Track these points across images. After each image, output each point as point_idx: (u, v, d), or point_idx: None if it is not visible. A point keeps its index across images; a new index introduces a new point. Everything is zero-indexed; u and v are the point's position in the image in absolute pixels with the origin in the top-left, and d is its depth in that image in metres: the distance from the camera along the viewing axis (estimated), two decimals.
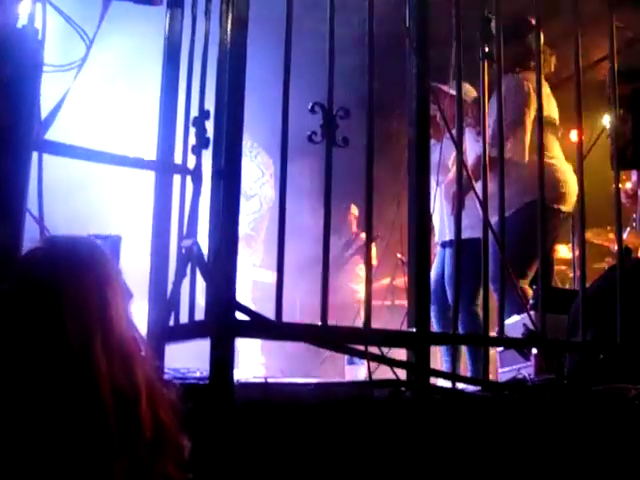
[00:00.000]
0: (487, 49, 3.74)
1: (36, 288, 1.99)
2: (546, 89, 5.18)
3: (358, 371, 5.45)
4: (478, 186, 3.44)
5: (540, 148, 3.57)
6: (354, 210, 8.70)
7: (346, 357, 5.66)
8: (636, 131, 4.01)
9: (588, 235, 6.99)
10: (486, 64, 3.59)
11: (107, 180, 5.76)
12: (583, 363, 3.59)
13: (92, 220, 4.90)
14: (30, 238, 2.27)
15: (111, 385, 1.94)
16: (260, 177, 6.95)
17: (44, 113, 2.91)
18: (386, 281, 7.87)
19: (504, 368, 4.20)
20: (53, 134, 2.92)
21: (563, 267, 7.35)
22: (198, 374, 2.98)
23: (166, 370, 3.01)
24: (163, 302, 2.99)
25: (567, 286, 6.86)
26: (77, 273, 2.05)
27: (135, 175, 3.52)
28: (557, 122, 5.33)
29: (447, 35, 3.33)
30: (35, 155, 2.73)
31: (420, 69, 3.09)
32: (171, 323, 2.96)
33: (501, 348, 4.22)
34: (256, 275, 7.12)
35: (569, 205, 5.09)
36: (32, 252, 2.11)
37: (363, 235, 8.88)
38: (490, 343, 3.47)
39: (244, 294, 6.58)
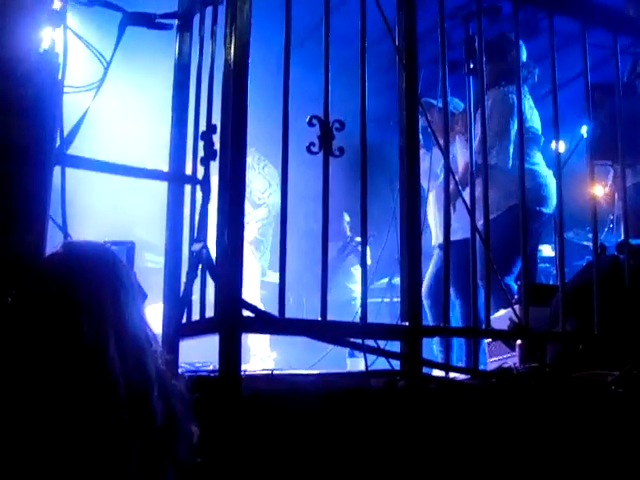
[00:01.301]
0: (471, 65, 3.74)
1: (53, 289, 2.00)
2: (529, 101, 5.17)
3: (358, 363, 5.41)
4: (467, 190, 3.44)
5: (521, 155, 3.55)
6: (346, 217, 8.80)
7: (347, 350, 5.64)
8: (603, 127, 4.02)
9: (569, 235, 6.99)
10: (471, 79, 3.61)
11: (124, 191, 5.78)
12: (564, 352, 3.57)
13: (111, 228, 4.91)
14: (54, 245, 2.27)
15: (124, 377, 1.94)
16: (267, 187, 6.96)
17: (67, 130, 2.93)
18: (385, 280, 7.88)
19: (492, 358, 4.18)
20: (75, 149, 2.93)
21: (547, 265, 7.35)
22: (211, 367, 2.98)
23: (181, 364, 3.01)
24: (176, 301, 2.99)
25: (550, 282, 6.84)
26: (91, 275, 2.06)
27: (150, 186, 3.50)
28: (539, 131, 5.31)
29: (436, 55, 3.32)
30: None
31: (409, 82, 3.08)
32: (184, 320, 2.95)
33: (489, 340, 4.20)
34: (265, 276, 7.13)
35: (550, 207, 5.08)
36: (51, 256, 2.12)
37: (357, 238, 8.94)
38: (478, 335, 3.45)
39: (253, 294, 6.58)
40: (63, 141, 3.03)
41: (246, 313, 2.71)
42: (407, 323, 2.99)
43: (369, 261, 8.58)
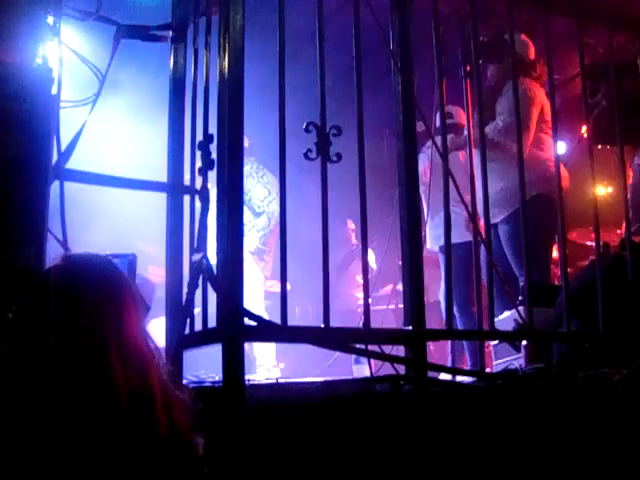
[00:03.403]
0: (467, 68, 3.74)
1: (52, 301, 1.99)
2: (542, 94, 5.16)
3: (364, 370, 5.40)
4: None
5: (520, 153, 3.54)
6: (351, 224, 8.75)
7: (353, 357, 5.63)
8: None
9: (573, 236, 6.97)
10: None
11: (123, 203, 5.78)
12: (569, 352, 3.55)
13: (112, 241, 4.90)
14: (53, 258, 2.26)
15: (127, 389, 1.93)
16: (267, 195, 6.94)
17: (64, 144, 2.93)
18: (389, 287, 7.86)
19: (498, 360, 4.16)
20: (73, 163, 2.93)
21: (552, 266, 7.32)
22: (217, 377, 2.97)
23: (186, 376, 3.00)
24: (179, 312, 2.97)
25: (556, 283, 6.82)
26: (90, 287, 2.05)
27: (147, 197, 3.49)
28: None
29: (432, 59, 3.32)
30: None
31: (405, 86, 3.07)
32: (187, 331, 2.94)
33: (495, 342, 4.18)
34: (268, 286, 7.10)
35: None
36: (50, 269, 2.11)
37: None
38: (483, 337, 3.43)
39: (257, 303, 6.56)
40: (61, 156, 3.03)
41: (249, 322, 2.70)
42: (410, 327, 2.97)
43: (375, 266, 8.65)
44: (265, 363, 6.63)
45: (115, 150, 6.46)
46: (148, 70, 5.00)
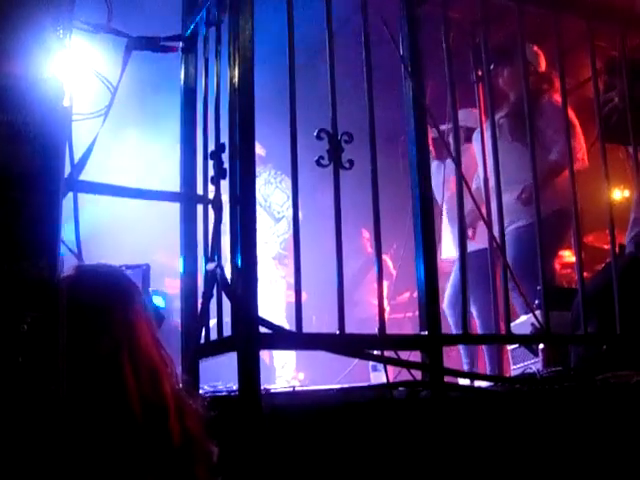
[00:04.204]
0: (479, 73, 3.72)
1: (65, 311, 1.99)
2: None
3: (382, 377, 5.38)
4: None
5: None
6: (365, 234, 8.75)
7: (370, 364, 5.61)
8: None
9: (589, 239, 6.93)
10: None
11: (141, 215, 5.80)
12: (587, 355, 3.52)
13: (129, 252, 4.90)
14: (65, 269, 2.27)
15: (140, 398, 1.93)
16: (286, 200, 7.00)
17: (77, 156, 2.94)
18: (407, 294, 7.83)
19: (516, 365, 4.13)
20: (87, 175, 2.93)
21: (569, 270, 7.28)
22: (234, 387, 2.95)
23: (204, 386, 3.00)
24: (194, 322, 2.97)
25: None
26: (101, 297, 2.05)
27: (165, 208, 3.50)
28: None
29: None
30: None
31: (415, 91, 3.05)
32: (202, 340, 2.93)
33: (513, 347, 4.15)
34: (287, 295, 7.11)
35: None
36: (62, 280, 2.11)
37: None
38: (500, 341, 3.41)
39: (278, 310, 6.59)
40: (74, 167, 3.04)
41: (265, 330, 2.69)
42: (426, 332, 2.95)
43: (393, 272, 8.66)
44: (285, 374, 6.64)
45: (127, 161, 6.48)
46: (159, 80, 5.01)
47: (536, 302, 4.04)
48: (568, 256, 7.03)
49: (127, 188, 3.12)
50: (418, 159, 3.03)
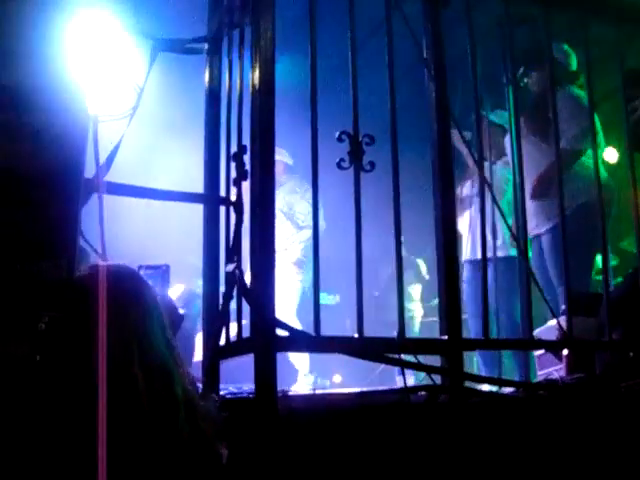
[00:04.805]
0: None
1: (78, 310, 2.01)
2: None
3: (408, 381, 5.36)
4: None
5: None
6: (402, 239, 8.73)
7: (396, 369, 5.58)
8: None
9: (624, 244, 6.83)
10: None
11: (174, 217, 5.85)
12: (612, 362, 3.47)
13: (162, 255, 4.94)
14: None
15: (149, 397, 1.93)
16: (310, 211, 7.03)
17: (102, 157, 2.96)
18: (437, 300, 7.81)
19: (542, 371, 4.08)
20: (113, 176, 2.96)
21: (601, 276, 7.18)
22: None
23: (229, 387, 3.00)
24: (215, 322, 2.98)
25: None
26: (114, 296, 2.06)
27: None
28: (600, 133, 5.21)
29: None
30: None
31: (438, 93, 3.03)
32: (222, 342, 2.94)
33: (539, 353, 4.10)
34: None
35: (612, 210, 4.98)
36: (77, 279, 2.13)
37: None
38: (521, 346, 3.37)
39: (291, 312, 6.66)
40: (99, 169, 3.06)
41: (282, 332, 2.69)
42: (446, 337, 2.93)
43: (427, 276, 8.61)
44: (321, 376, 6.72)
45: (152, 162, 6.53)
46: (184, 82, 5.04)
47: (562, 307, 4.00)
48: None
49: (150, 189, 3.14)
50: (440, 164, 3.01)
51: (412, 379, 5.37)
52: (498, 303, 4.93)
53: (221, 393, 2.97)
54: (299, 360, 6.98)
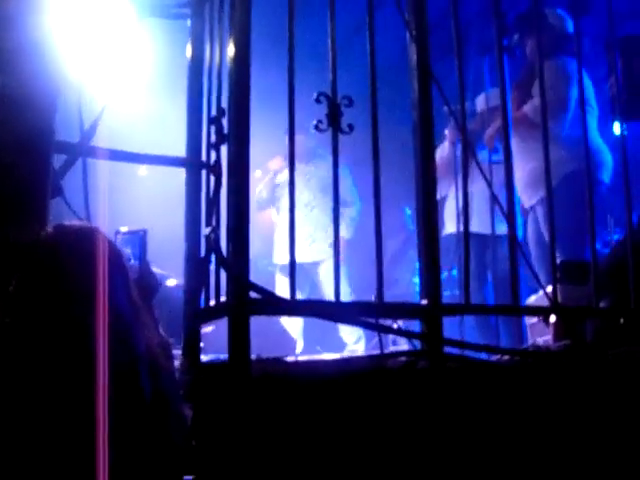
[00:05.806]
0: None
1: (39, 271, 2.02)
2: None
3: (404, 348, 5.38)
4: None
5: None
6: (408, 211, 8.77)
7: (391, 339, 5.59)
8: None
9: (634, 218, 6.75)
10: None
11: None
12: (600, 329, 3.44)
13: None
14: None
15: (108, 355, 1.94)
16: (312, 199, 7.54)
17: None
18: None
19: (532, 340, 4.07)
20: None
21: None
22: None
23: (220, 356, 3.01)
24: (194, 286, 2.99)
25: None
26: (76, 256, 2.07)
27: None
28: (594, 104, 5.15)
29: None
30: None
31: (420, 56, 3.00)
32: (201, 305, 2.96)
33: (532, 322, 4.09)
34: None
35: (607, 176, 4.93)
36: (40, 238, 2.14)
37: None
38: (503, 312, 3.35)
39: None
40: (83, 134, 3.08)
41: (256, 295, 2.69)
42: (425, 301, 2.92)
43: None
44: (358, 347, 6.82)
45: (135, 127, 6.54)
46: (166, 46, 5.04)
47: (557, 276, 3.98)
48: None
49: (133, 154, 3.18)
50: (421, 126, 2.99)
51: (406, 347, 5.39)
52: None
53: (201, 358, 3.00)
54: (308, 333, 7.03)
